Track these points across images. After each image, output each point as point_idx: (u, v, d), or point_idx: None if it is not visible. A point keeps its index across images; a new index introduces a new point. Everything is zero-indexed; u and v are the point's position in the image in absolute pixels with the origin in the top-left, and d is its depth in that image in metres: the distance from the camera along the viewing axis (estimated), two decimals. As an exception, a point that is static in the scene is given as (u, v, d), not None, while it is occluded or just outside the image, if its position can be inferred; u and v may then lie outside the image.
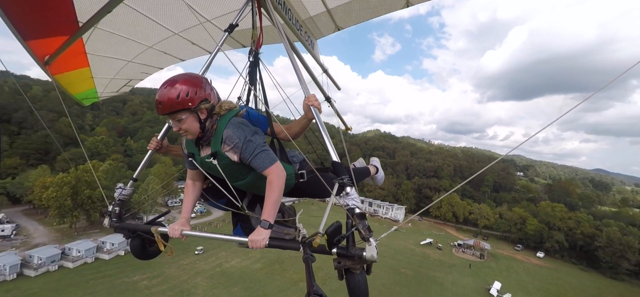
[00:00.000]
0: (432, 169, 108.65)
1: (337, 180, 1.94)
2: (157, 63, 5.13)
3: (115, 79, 5.02)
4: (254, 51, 3.04)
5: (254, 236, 1.86)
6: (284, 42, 2.77)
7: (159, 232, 2.27)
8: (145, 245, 2.48)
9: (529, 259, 67.62)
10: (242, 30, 3.74)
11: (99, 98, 5.21)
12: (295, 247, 1.82)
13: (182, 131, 1.97)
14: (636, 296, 50.66)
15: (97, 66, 4.27)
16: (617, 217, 73.95)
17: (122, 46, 4.08)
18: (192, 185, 2.35)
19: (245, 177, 2.12)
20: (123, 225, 2.46)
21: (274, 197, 1.89)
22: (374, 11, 3.88)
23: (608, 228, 65.91)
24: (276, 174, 1.92)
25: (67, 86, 4.17)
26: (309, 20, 4.16)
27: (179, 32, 4.13)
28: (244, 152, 1.93)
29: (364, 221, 1.72)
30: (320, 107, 2.35)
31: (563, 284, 55.30)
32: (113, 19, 3.22)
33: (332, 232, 1.71)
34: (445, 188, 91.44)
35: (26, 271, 36.90)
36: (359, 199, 1.85)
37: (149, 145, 2.71)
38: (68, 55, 3.41)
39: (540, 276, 58.56)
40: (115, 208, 2.51)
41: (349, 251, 1.70)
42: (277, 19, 2.93)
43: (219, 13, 3.71)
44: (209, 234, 2.23)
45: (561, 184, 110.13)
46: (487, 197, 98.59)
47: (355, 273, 1.72)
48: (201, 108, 1.93)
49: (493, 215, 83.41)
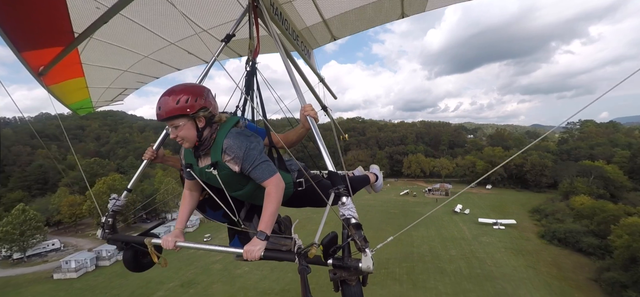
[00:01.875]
0: (398, 138, 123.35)
1: (333, 190, 1.86)
2: (153, 72, 4.92)
3: (110, 88, 4.78)
4: (251, 61, 2.92)
5: (249, 247, 1.78)
6: (280, 52, 2.69)
7: (152, 244, 2.16)
8: (138, 257, 2.36)
9: (480, 191, 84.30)
10: (238, 40, 3.59)
11: (93, 108, 5.00)
12: (291, 258, 1.73)
13: (178, 139, 1.87)
14: (549, 200, 72.34)
15: (92, 76, 4.06)
16: (538, 149, 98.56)
17: (117, 56, 3.89)
18: (189, 195, 2.24)
19: (244, 188, 2.03)
20: (116, 236, 2.35)
21: (271, 209, 1.83)
22: (369, 22, 3.86)
23: (531, 157, 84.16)
24: (275, 186, 1.86)
25: (61, 96, 3.94)
26: (306, 30, 4.05)
27: (175, 42, 3.95)
28: (245, 163, 1.85)
29: (360, 232, 1.64)
30: (317, 117, 2.28)
31: (504, 201, 69.33)
32: (109, 29, 3.04)
33: (328, 242, 1.63)
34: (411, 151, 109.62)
35: (101, 262, 43.86)
36: (354, 209, 1.76)
37: (143, 155, 2.62)
38: (63, 66, 3.25)
39: (489, 199, 74.37)
40: (108, 219, 2.39)
41: (344, 262, 1.62)
42: (273, 29, 2.84)
43: (216, 23, 3.57)
44: (203, 246, 2.14)
45: (499, 133, 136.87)
46: (444, 154, 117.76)
47: (351, 285, 1.64)
48: (199, 116, 1.84)
49: (451, 165, 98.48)
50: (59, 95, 3.88)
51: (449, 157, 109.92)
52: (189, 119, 1.84)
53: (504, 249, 44.04)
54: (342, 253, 1.66)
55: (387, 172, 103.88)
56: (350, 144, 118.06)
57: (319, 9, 3.60)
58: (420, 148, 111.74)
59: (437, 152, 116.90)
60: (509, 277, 35.60)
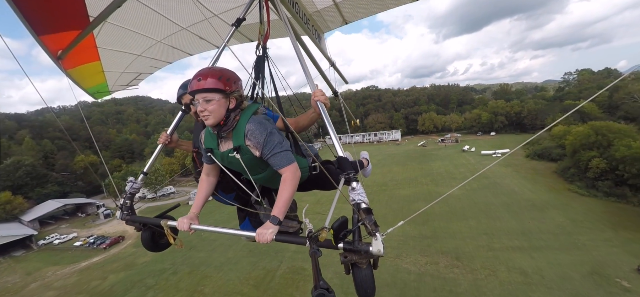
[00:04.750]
0: (412, 101, 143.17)
1: (343, 175, 1.95)
2: (165, 57, 5.01)
3: (125, 72, 4.90)
4: (261, 45, 2.90)
5: (261, 230, 1.84)
6: (290, 36, 2.70)
7: (169, 226, 2.26)
8: (155, 237, 2.49)
9: (485, 137, 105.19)
10: (249, 24, 3.65)
11: (110, 92, 5.17)
12: (302, 241, 1.78)
13: (206, 112, 1.89)
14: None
15: (108, 60, 4.19)
16: (534, 97, 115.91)
17: (131, 40, 3.98)
18: (206, 180, 2.30)
19: (264, 171, 2.10)
20: (134, 217, 2.48)
21: (286, 195, 1.87)
22: (382, 4, 3.77)
23: (526, 104, 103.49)
24: (292, 173, 1.92)
25: (79, 80, 4.11)
26: (316, 13, 4.02)
27: (187, 27, 4.02)
28: (265, 148, 1.92)
29: (371, 216, 1.69)
30: (328, 102, 2.29)
31: (505, 141, 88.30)
32: (123, 13, 3.16)
33: (338, 227, 1.69)
34: (424, 111, 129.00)
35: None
36: (364, 194, 1.80)
37: (158, 139, 2.76)
38: (79, 50, 3.34)
39: (492, 142, 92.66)
40: (126, 201, 2.53)
41: (355, 246, 1.66)
42: (284, 12, 2.86)
43: (226, 8, 3.61)
44: (217, 229, 2.16)
45: (503, 88, 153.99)
46: (454, 111, 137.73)
47: (362, 268, 1.69)
48: (232, 97, 1.95)
49: (460, 119, 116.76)
50: (77, 79, 4.04)
51: (458, 113, 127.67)
52: (224, 97, 1.92)
53: (497, 165, 63.01)
54: (353, 237, 1.70)
55: (405, 130, 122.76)
56: (369, 109, 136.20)
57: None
58: (432, 107, 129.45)
59: (447, 110, 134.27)
60: (499, 176, 54.70)
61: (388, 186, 55.28)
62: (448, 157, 74.80)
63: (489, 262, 26.63)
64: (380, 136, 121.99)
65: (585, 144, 46.63)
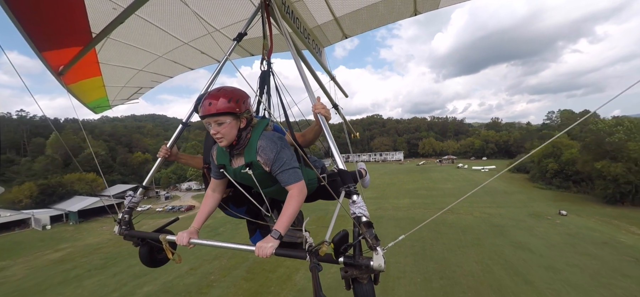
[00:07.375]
0: (414, 128, 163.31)
1: (343, 188, 1.93)
2: (167, 72, 5.10)
3: (126, 87, 4.96)
4: (265, 60, 2.97)
5: (261, 243, 1.84)
6: (291, 51, 2.74)
7: (167, 240, 2.24)
8: (154, 252, 2.42)
9: (477, 161, 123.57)
10: (250, 39, 3.69)
11: (110, 106, 5.19)
12: (302, 256, 1.75)
13: (219, 134, 1.96)
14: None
15: (109, 75, 4.23)
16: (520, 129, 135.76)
17: (133, 55, 4.05)
18: (212, 196, 2.33)
19: (274, 185, 2.15)
20: (132, 232, 2.42)
21: (290, 212, 1.91)
22: (381, 19, 3.90)
23: (513, 135, 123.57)
24: (298, 191, 1.97)
25: (80, 95, 4.13)
26: (317, 28, 4.13)
27: (188, 42, 4.08)
28: (274, 165, 1.99)
29: (371, 230, 1.67)
30: (329, 115, 2.32)
31: (493, 162, 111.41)
32: (125, 29, 3.19)
33: (339, 240, 1.65)
34: (424, 136, 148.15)
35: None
36: (365, 207, 1.79)
37: (158, 153, 2.74)
38: (81, 65, 3.37)
39: (483, 164, 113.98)
40: (124, 216, 2.48)
41: (355, 260, 1.64)
42: (284, 27, 2.89)
43: (228, 22, 3.67)
44: (216, 242, 2.17)
45: (494, 122, 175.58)
46: (450, 138, 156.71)
47: (363, 283, 1.65)
48: (243, 117, 2.00)
49: (456, 145, 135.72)
50: (78, 94, 4.06)
51: (455, 140, 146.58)
52: (234, 118, 1.96)
53: (483, 175, 79.39)
54: (353, 251, 1.67)
55: (407, 153, 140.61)
56: (374, 134, 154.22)
57: (330, 7, 3.69)
58: (432, 134, 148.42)
59: (445, 138, 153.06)
60: (482, 179, 70.82)
61: (396, 185, 70.82)
62: (445, 170, 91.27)
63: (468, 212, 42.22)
64: (385, 156, 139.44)
65: (546, 154, 63.51)
